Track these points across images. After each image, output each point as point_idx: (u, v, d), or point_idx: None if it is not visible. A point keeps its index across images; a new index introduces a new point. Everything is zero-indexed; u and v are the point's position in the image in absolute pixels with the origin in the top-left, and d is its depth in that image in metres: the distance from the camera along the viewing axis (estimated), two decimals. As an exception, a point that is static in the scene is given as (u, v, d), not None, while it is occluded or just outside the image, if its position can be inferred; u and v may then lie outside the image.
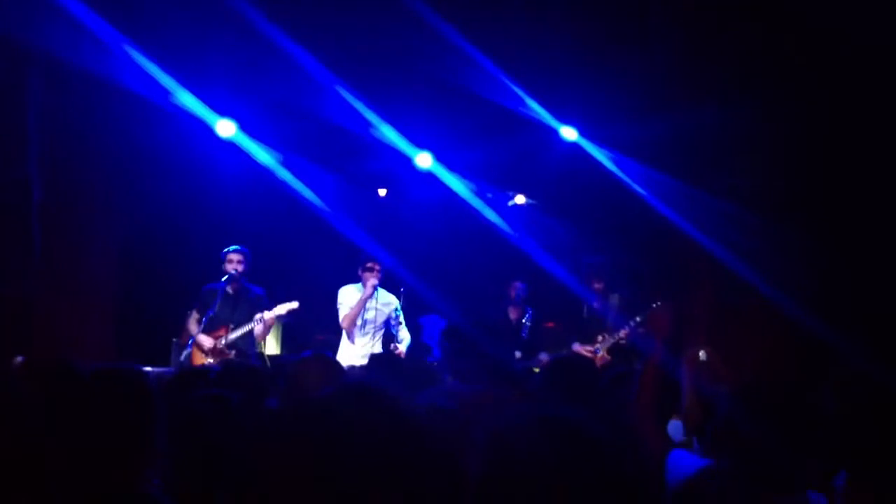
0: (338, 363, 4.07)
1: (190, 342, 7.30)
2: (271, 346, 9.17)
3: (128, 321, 8.27)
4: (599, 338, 7.63)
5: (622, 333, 7.53)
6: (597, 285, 7.69)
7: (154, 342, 7.95)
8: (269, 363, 7.54)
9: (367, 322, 7.66)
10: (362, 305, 7.60)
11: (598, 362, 7.36)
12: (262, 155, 8.11)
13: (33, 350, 6.83)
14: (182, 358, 7.18)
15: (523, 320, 8.27)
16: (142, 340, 7.94)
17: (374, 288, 7.58)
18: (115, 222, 8.40)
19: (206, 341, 7.35)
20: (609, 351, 7.55)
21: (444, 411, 2.84)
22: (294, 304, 7.56)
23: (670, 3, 7.40)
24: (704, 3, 7.28)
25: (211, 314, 7.24)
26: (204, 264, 7.84)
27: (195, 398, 3.15)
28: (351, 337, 7.68)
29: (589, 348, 7.58)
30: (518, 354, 7.94)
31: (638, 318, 7.47)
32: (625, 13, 7.34)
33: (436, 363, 7.16)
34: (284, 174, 8.18)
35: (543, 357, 7.96)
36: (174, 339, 7.96)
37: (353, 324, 7.63)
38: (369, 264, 7.62)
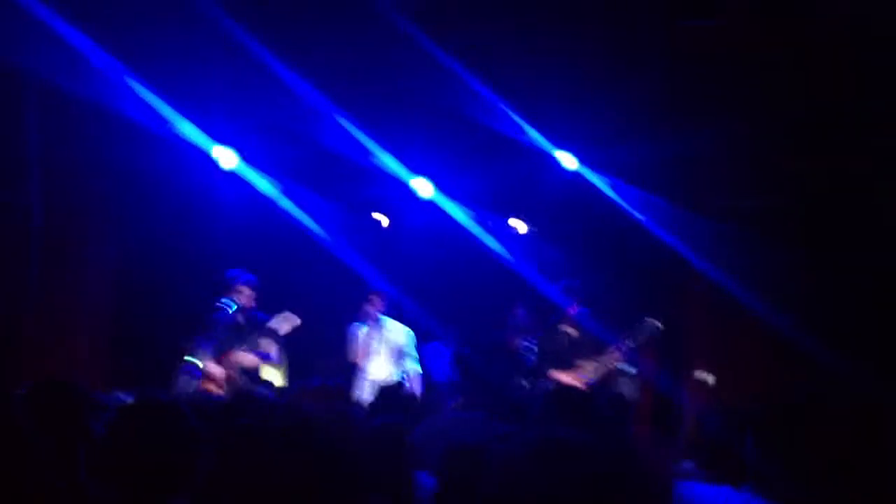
0: (344, 392, 4.02)
1: (192, 369, 7.21)
2: (276, 379, 9.09)
3: (124, 348, 8.22)
4: (590, 367, 7.33)
5: (614, 357, 7.28)
6: (571, 309, 7.51)
7: (150, 369, 7.88)
8: (277, 392, 7.46)
9: (375, 353, 7.56)
10: (367, 337, 7.51)
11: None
12: (261, 183, 8.10)
13: (24, 375, 6.81)
14: (181, 384, 7.12)
15: (525, 347, 8.20)
16: (138, 367, 7.88)
17: (375, 318, 7.50)
18: (111, 249, 8.38)
19: (217, 370, 7.26)
20: (603, 378, 7.28)
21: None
22: (295, 319, 7.43)
23: (666, 28, 7.44)
24: (699, 27, 7.33)
25: (220, 341, 7.20)
26: (202, 291, 7.79)
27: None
28: (363, 371, 7.55)
29: (578, 376, 7.30)
30: (524, 383, 7.87)
31: (629, 342, 7.26)
32: (621, 38, 7.38)
33: (437, 389, 7.12)
34: (284, 202, 8.16)
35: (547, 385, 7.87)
36: (176, 367, 7.89)
37: (363, 357, 7.51)
38: (370, 296, 7.56)
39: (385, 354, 7.60)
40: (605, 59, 7.41)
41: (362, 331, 7.58)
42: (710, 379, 4.94)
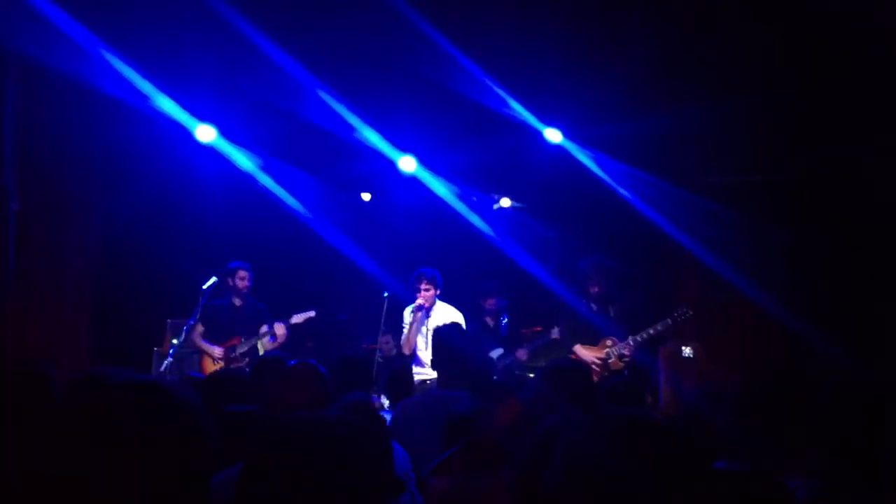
0: (322, 372, 3.93)
1: (171, 351, 7.28)
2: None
3: (104, 329, 8.18)
4: (608, 342, 7.22)
5: (625, 350, 7.13)
6: (594, 288, 7.28)
7: (131, 350, 7.85)
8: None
9: (418, 337, 7.33)
10: (416, 328, 7.29)
11: (612, 367, 7.07)
12: (242, 159, 8.03)
13: (5, 356, 6.76)
14: (163, 368, 7.11)
15: (500, 322, 8.27)
16: (118, 348, 7.85)
17: (424, 308, 7.28)
18: (92, 229, 8.29)
19: (216, 351, 7.62)
20: (620, 357, 7.15)
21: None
22: (311, 313, 7.74)
23: (651, 2, 7.37)
24: (685, 2, 7.26)
25: (220, 326, 7.54)
26: (183, 271, 7.77)
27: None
28: (417, 360, 7.26)
29: (599, 354, 7.17)
30: (500, 351, 7.90)
31: (642, 336, 7.13)
32: (607, 14, 7.30)
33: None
34: (265, 179, 8.11)
35: (520, 353, 7.88)
36: (155, 349, 7.89)
37: (412, 346, 7.31)
38: (418, 284, 7.31)
39: (428, 338, 7.19)
40: (591, 34, 7.34)
41: (408, 315, 7.38)
42: (695, 352, 4.91)
